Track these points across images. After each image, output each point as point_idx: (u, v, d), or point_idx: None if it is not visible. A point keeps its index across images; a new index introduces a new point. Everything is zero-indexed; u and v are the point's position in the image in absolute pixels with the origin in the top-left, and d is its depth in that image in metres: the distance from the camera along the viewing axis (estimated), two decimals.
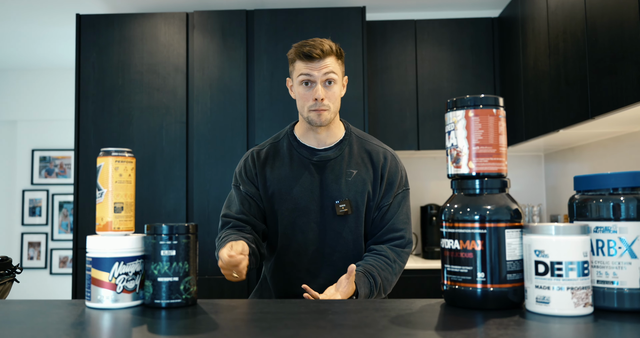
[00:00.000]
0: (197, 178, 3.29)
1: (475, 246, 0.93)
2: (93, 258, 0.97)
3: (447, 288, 0.97)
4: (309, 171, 1.64)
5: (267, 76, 3.34)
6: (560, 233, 0.89)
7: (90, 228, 3.26)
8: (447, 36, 3.65)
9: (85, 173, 3.33)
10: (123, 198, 1.00)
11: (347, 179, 1.63)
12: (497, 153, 0.96)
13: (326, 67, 1.57)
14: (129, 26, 3.41)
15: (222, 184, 3.27)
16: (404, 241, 1.65)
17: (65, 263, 5.22)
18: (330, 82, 1.59)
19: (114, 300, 0.96)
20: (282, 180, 1.65)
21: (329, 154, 1.66)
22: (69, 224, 5.25)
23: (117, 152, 1.01)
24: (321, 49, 1.56)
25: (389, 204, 1.65)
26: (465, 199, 0.97)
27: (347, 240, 1.63)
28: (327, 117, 1.60)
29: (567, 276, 0.87)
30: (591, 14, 2.27)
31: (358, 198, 1.63)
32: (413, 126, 3.60)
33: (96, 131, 3.35)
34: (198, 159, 3.30)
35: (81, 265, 3.25)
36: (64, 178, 5.31)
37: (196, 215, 3.27)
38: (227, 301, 1.01)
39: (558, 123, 2.63)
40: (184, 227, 0.98)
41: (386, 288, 1.59)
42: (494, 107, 0.97)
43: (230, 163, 3.29)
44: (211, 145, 3.31)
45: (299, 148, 1.68)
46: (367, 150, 1.69)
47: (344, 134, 1.70)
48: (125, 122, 3.35)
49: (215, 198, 3.27)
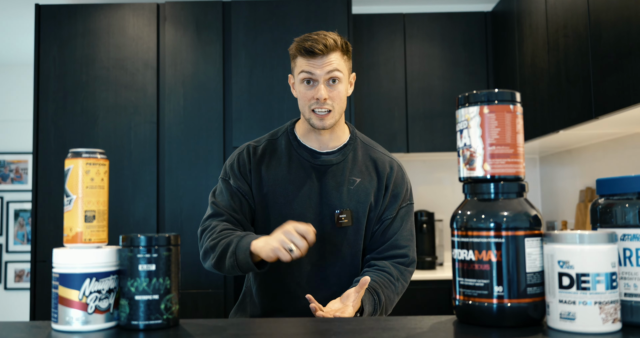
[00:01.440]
0: (168, 183, 3.21)
1: (492, 256, 0.90)
2: (60, 274, 0.91)
3: (460, 304, 0.93)
4: (308, 175, 1.59)
5: (245, 73, 3.29)
6: (586, 242, 0.85)
7: (50, 238, 3.17)
8: (437, 31, 3.64)
9: (44, 179, 3.23)
10: (95, 205, 0.94)
11: (350, 188, 1.59)
12: (514, 153, 0.93)
13: (330, 64, 1.52)
14: (93, 17, 3.33)
15: (197, 191, 3.20)
16: (408, 260, 1.61)
17: (22, 277, 5.08)
18: (335, 81, 1.54)
19: (84, 321, 0.90)
20: (278, 182, 1.59)
21: (331, 158, 1.61)
22: (25, 234, 5.12)
23: (87, 153, 0.95)
24: (324, 43, 1.51)
25: (392, 217, 1.61)
26: (480, 205, 0.93)
27: (345, 254, 1.59)
28: (330, 121, 1.55)
29: (595, 290, 0.84)
30: (595, 8, 2.26)
31: (360, 208, 1.58)
32: (402, 127, 3.58)
33: (57, 132, 3.26)
34: (170, 163, 3.23)
35: (40, 279, 3.15)
36: (20, 184, 5.18)
37: (168, 224, 3.19)
38: (214, 321, 0.95)
39: (558, 123, 2.62)
40: (164, 238, 0.93)
41: (388, 308, 1.55)
42: (510, 103, 0.93)
43: (205, 167, 3.22)
44: (184, 147, 3.24)
45: (298, 149, 1.63)
46: (372, 158, 1.65)
47: (349, 138, 1.66)
48: (90, 123, 3.27)
49: (189, 206, 3.20)
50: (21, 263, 5.09)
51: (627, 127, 2.53)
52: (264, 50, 3.30)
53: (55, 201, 3.20)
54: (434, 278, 3.21)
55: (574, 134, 2.76)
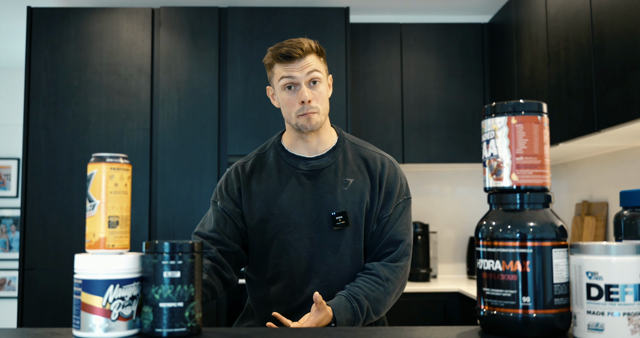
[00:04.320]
0: (161, 191, 3.20)
1: (519, 267, 0.91)
2: (84, 281, 0.91)
3: (485, 314, 0.94)
4: (299, 182, 1.61)
5: (241, 80, 3.29)
6: (614, 253, 0.87)
7: (38, 245, 3.14)
8: (434, 42, 3.68)
9: (34, 184, 3.20)
10: (119, 211, 0.94)
11: (343, 189, 1.60)
12: (541, 164, 0.94)
13: (308, 65, 1.56)
14: (86, 21, 3.32)
15: (190, 199, 3.20)
16: (398, 253, 1.61)
17: (3, 286, 5.01)
18: (315, 82, 1.58)
19: (107, 328, 0.90)
20: (270, 194, 1.61)
21: (321, 162, 1.63)
22: (7, 241, 5.05)
23: (111, 158, 0.95)
24: (300, 48, 1.55)
25: (388, 215, 1.62)
26: (506, 216, 0.94)
27: (344, 256, 1.60)
28: (317, 120, 1.58)
29: (624, 301, 0.86)
30: (598, 20, 2.31)
31: (356, 209, 1.60)
32: (397, 137, 3.60)
33: (47, 137, 3.24)
34: (163, 171, 3.22)
35: (28, 287, 3.12)
36: (2, 190, 5.12)
37: (160, 233, 3.18)
38: (237, 330, 0.96)
39: (558, 136, 2.66)
40: (188, 245, 0.93)
41: (378, 310, 1.56)
42: (538, 114, 0.95)
43: (199, 175, 3.22)
44: (178, 155, 3.24)
45: (287, 158, 1.65)
46: (362, 157, 1.66)
47: (337, 140, 1.68)
48: (81, 129, 3.25)
49: (182, 214, 3.19)
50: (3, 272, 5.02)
51: (628, 140, 2.58)
52: (260, 57, 3.28)
53: (44, 207, 3.17)
54: (428, 290, 3.23)
55: (573, 147, 2.80)
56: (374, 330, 0.97)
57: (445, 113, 3.61)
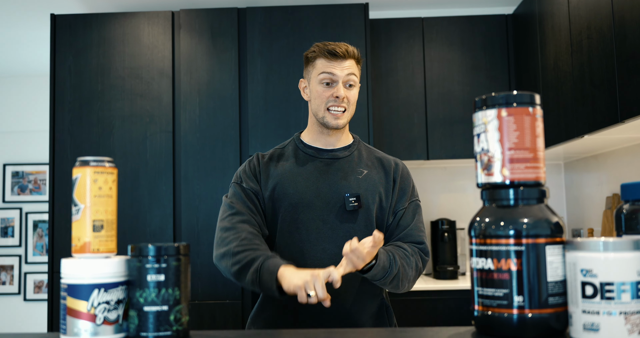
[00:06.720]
0: (185, 193, 3.22)
1: (512, 265, 0.88)
2: (69, 285, 0.91)
3: (479, 314, 0.91)
4: (315, 167, 1.70)
5: (261, 80, 3.29)
6: (610, 249, 0.83)
7: (67, 249, 3.19)
8: (457, 35, 3.61)
9: (61, 189, 3.26)
10: (103, 214, 0.94)
11: (358, 177, 1.69)
12: (534, 158, 0.91)
13: (349, 68, 1.67)
14: (108, 27, 3.36)
15: (213, 200, 3.21)
16: (425, 248, 1.67)
17: (41, 289, 5.13)
18: (351, 86, 1.68)
19: (93, 333, 0.89)
20: (286, 174, 1.69)
21: (337, 153, 1.73)
22: (44, 245, 5.17)
23: (95, 162, 0.95)
24: (346, 49, 1.67)
25: (404, 208, 1.70)
26: (499, 212, 0.91)
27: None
28: (343, 120, 1.68)
29: (620, 299, 0.82)
30: (619, 7, 2.23)
31: (369, 195, 1.67)
32: (421, 133, 3.55)
33: (73, 142, 3.29)
34: (186, 173, 3.24)
35: (58, 290, 3.18)
36: (38, 195, 5.24)
37: (184, 234, 3.20)
38: (225, 332, 0.94)
39: (583, 128, 2.58)
40: (173, 248, 0.93)
41: (403, 278, 1.55)
42: (529, 106, 0.91)
43: (222, 176, 3.23)
44: (200, 156, 3.26)
45: (305, 149, 1.75)
46: (377, 157, 1.78)
47: (353, 141, 1.80)
48: (105, 133, 3.29)
49: (206, 215, 3.21)
50: (40, 275, 5.14)
51: None
52: (280, 57, 3.30)
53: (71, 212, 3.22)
54: (456, 288, 3.17)
55: (600, 139, 2.71)
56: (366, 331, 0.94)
57: (470, 108, 3.54)
